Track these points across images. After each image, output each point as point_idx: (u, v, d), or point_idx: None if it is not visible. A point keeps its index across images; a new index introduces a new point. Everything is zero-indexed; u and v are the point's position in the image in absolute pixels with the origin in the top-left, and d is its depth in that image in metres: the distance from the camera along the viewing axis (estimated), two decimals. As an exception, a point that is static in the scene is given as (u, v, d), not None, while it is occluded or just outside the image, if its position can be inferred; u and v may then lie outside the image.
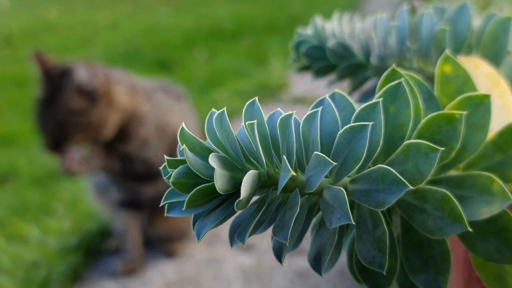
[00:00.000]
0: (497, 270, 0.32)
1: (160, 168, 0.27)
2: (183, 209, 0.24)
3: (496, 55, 0.46)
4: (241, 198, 0.23)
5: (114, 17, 5.70)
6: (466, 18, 0.48)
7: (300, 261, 1.37)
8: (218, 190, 0.24)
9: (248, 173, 0.24)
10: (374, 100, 0.28)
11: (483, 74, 0.40)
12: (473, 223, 0.29)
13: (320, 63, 0.53)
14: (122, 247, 1.45)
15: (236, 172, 0.25)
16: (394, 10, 0.58)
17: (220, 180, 0.24)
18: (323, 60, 0.53)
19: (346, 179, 0.28)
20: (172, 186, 0.25)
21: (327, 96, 0.29)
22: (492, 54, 0.46)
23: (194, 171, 0.25)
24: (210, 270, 1.39)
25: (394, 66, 0.31)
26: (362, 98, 0.54)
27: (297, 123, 0.28)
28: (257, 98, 0.27)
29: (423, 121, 0.29)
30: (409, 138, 0.29)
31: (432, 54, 0.49)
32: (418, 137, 0.29)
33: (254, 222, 0.25)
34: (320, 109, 0.27)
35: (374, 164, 0.28)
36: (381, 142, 0.27)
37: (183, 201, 0.24)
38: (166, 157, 0.26)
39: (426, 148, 0.26)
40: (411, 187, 0.25)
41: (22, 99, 2.85)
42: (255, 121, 0.25)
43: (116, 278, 1.38)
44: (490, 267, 0.32)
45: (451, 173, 0.31)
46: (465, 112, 0.28)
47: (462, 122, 0.28)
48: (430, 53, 0.49)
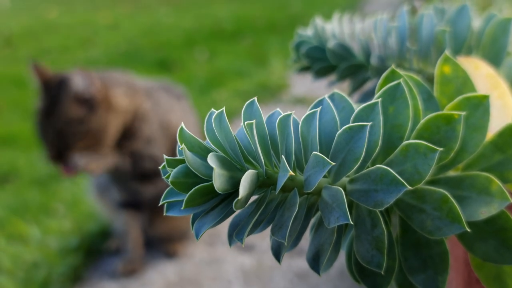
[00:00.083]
0: (495, 270, 0.32)
1: (159, 167, 0.27)
2: (182, 208, 0.24)
3: (496, 56, 0.46)
4: (239, 197, 0.23)
5: (114, 17, 5.70)
6: (466, 19, 0.48)
7: (300, 261, 1.37)
8: (216, 190, 0.24)
9: (246, 172, 0.24)
10: (373, 100, 0.28)
11: (483, 75, 0.40)
12: (471, 224, 0.29)
13: (320, 64, 0.53)
14: (122, 248, 1.45)
15: (234, 171, 0.26)
16: (394, 11, 0.58)
17: (218, 179, 0.24)
18: (323, 60, 0.53)
19: (344, 179, 0.28)
20: (171, 186, 0.25)
21: (326, 96, 0.29)
22: (492, 55, 0.46)
23: (193, 171, 0.25)
24: (210, 271, 1.39)
25: (393, 66, 0.31)
26: (362, 98, 0.54)
27: (296, 123, 0.28)
28: (256, 98, 0.27)
29: (422, 121, 0.29)
30: (408, 138, 0.29)
31: (432, 55, 0.49)
32: (417, 137, 0.29)
33: (253, 222, 0.25)
34: (319, 109, 0.27)
35: (373, 164, 0.28)
36: (379, 142, 0.27)
37: (182, 200, 0.24)
38: (165, 156, 0.26)
39: (425, 148, 0.26)
40: (410, 187, 0.25)
41: (22, 99, 2.85)
42: (254, 121, 0.25)
43: (116, 279, 1.38)
44: (489, 268, 0.32)
45: (450, 173, 0.31)
46: (464, 112, 0.28)
47: (461, 123, 0.28)
48: (430, 54, 0.49)
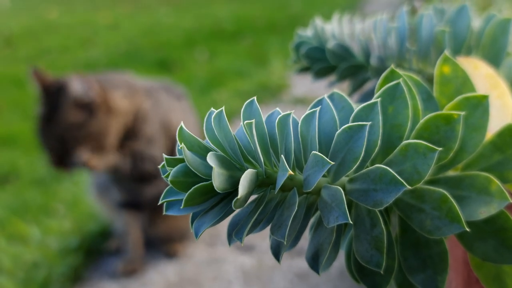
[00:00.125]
0: (495, 270, 0.32)
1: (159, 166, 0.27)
2: (181, 207, 0.24)
3: (495, 56, 0.46)
4: (238, 196, 0.23)
5: (114, 17, 5.70)
6: (465, 19, 0.48)
7: (300, 261, 1.38)
8: (216, 189, 0.24)
9: (246, 172, 0.24)
10: (372, 100, 0.28)
11: (482, 75, 0.40)
12: (471, 223, 0.29)
13: (320, 64, 0.53)
14: (122, 248, 1.45)
15: (234, 171, 0.26)
16: (394, 11, 0.58)
17: (218, 178, 0.24)
18: (323, 61, 0.53)
19: (344, 179, 0.28)
20: (170, 185, 0.25)
21: (326, 96, 0.29)
22: (491, 55, 0.46)
23: (193, 170, 0.25)
24: (211, 271, 1.39)
25: (393, 66, 0.31)
26: (362, 99, 0.54)
27: (295, 123, 0.28)
28: (255, 98, 0.27)
29: (422, 121, 0.29)
30: (407, 138, 0.29)
31: (431, 55, 0.49)
32: (416, 137, 0.29)
33: (252, 221, 0.25)
34: (318, 109, 0.27)
35: (372, 164, 0.28)
36: (379, 142, 0.27)
37: (182, 199, 0.24)
38: (164, 155, 0.26)
39: (424, 148, 0.26)
40: (409, 187, 0.25)
41: (22, 99, 2.85)
42: (253, 120, 0.25)
43: (116, 279, 1.38)
44: (488, 267, 0.32)
45: (450, 173, 0.31)
46: (463, 112, 0.28)
47: (460, 123, 0.28)
48: (429, 54, 0.49)
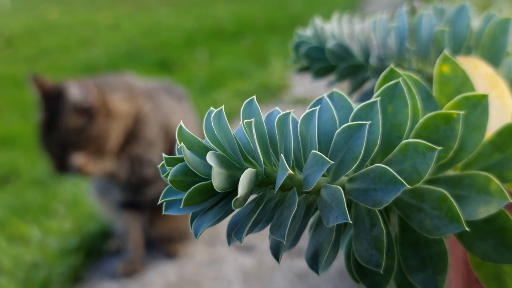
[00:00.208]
0: (494, 270, 0.32)
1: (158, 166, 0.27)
2: (181, 207, 0.24)
3: (495, 56, 0.46)
4: (238, 196, 0.23)
5: (115, 17, 5.70)
6: (465, 19, 0.48)
7: (300, 261, 1.37)
8: (215, 188, 0.24)
9: (245, 171, 0.24)
10: (372, 99, 0.28)
11: (482, 75, 0.40)
12: (470, 223, 0.29)
13: (319, 64, 0.53)
14: (122, 248, 1.45)
15: (233, 170, 0.26)
16: (394, 11, 0.58)
17: (217, 178, 0.24)
18: (323, 61, 0.53)
19: (343, 178, 0.28)
20: (170, 184, 0.25)
21: (325, 95, 0.29)
22: (491, 55, 0.46)
23: (192, 169, 0.25)
24: (211, 271, 1.39)
25: (392, 66, 0.31)
26: (362, 98, 0.54)
27: (295, 122, 0.28)
28: (255, 97, 0.27)
29: (421, 120, 0.29)
30: (407, 137, 0.29)
31: (431, 54, 0.49)
32: (416, 136, 0.29)
33: (252, 221, 0.25)
34: (317, 108, 0.27)
35: (372, 163, 0.28)
36: (378, 141, 0.27)
37: (181, 199, 0.24)
38: (164, 155, 0.26)
39: (424, 147, 0.26)
40: (409, 186, 0.25)
41: (22, 99, 2.85)
42: (253, 120, 0.25)
43: (116, 279, 1.38)
44: (488, 267, 0.32)
45: (449, 172, 0.31)
46: (462, 112, 0.28)
47: (460, 122, 0.28)
48: (429, 53, 0.49)
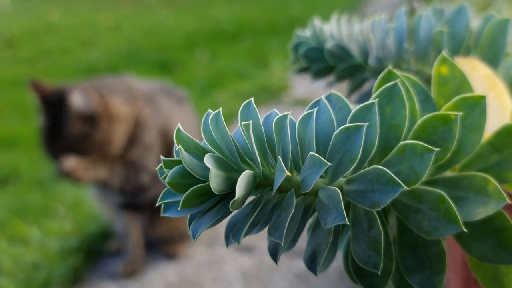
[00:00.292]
0: (492, 270, 0.32)
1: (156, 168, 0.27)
2: (179, 209, 0.25)
3: (494, 57, 0.46)
4: (236, 198, 0.23)
5: (115, 18, 5.71)
6: (464, 20, 0.48)
7: (300, 263, 1.38)
8: (213, 190, 0.24)
9: (243, 173, 0.24)
10: (370, 101, 0.28)
11: (480, 76, 0.40)
12: (468, 224, 0.29)
13: (318, 65, 0.53)
14: (122, 249, 1.45)
15: (231, 172, 0.26)
16: (393, 12, 0.58)
17: (215, 180, 0.24)
18: (322, 61, 0.53)
19: (341, 180, 0.28)
20: (168, 186, 0.25)
21: (323, 97, 0.29)
22: (490, 55, 0.46)
23: (190, 171, 0.25)
24: (211, 272, 1.39)
25: (390, 67, 0.31)
26: (361, 99, 0.54)
27: (293, 124, 0.28)
28: (253, 99, 0.27)
29: (419, 122, 0.29)
30: (405, 139, 0.29)
31: (430, 55, 0.49)
32: (413, 138, 0.29)
33: (249, 222, 0.25)
34: (315, 110, 0.27)
35: (369, 164, 0.28)
36: (376, 142, 0.27)
37: (179, 201, 0.24)
38: (162, 157, 0.26)
39: (421, 148, 0.26)
40: (406, 188, 0.25)
41: (23, 101, 2.85)
42: (251, 121, 0.25)
43: (116, 280, 1.38)
44: (486, 268, 0.32)
45: (447, 174, 0.31)
46: (460, 113, 0.28)
47: (458, 123, 0.28)
48: (428, 54, 0.49)
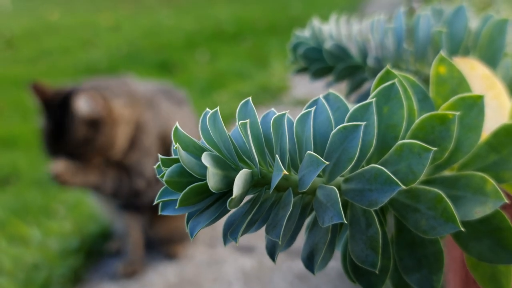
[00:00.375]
0: (490, 270, 0.32)
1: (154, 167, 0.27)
2: (176, 207, 0.25)
3: (492, 57, 0.46)
4: (233, 196, 0.23)
5: (116, 18, 5.71)
6: (462, 20, 0.48)
7: (300, 263, 1.37)
8: (211, 189, 0.24)
9: (240, 172, 0.24)
10: (367, 100, 0.28)
11: (479, 76, 0.40)
12: (466, 223, 0.29)
13: (317, 65, 0.53)
14: (123, 249, 1.45)
15: (229, 171, 0.26)
16: (392, 12, 0.58)
17: (212, 178, 0.24)
18: (321, 61, 0.53)
19: (339, 179, 0.28)
20: (165, 185, 0.25)
21: (321, 96, 0.29)
22: (488, 56, 0.46)
23: (188, 170, 0.25)
24: (211, 272, 1.39)
25: (388, 67, 0.31)
26: (360, 99, 0.54)
27: (290, 123, 0.28)
28: (250, 98, 0.27)
29: (417, 121, 0.29)
30: (402, 138, 0.29)
31: (429, 55, 0.49)
32: (411, 137, 0.29)
33: (247, 221, 0.25)
34: (313, 109, 0.27)
35: (367, 164, 0.28)
36: (374, 142, 0.27)
37: (177, 199, 0.24)
38: (160, 156, 0.26)
39: (419, 148, 0.26)
40: (404, 187, 0.25)
41: (23, 101, 2.86)
42: (248, 120, 0.25)
43: (116, 280, 1.38)
44: (484, 267, 0.32)
45: (445, 173, 0.32)
46: (458, 112, 0.28)
47: (455, 123, 0.28)
48: (427, 54, 0.49)
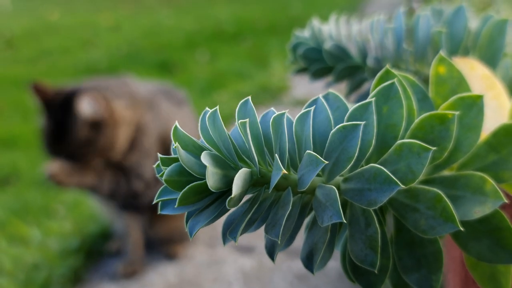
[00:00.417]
0: (490, 270, 0.32)
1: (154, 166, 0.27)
2: (175, 206, 0.25)
3: (492, 57, 0.46)
4: (232, 195, 0.23)
5: (116, 18, 5.71)
6: (462, 20, 0.48)
7: (300, 263, 1.37)
8: (210, 188, 0.24)
9: (240, 171, 0.24)
10: (367, 100, 0.28)
11: (479, 76, 0.40)
12: (465, 223, 0.29)
13: (317, 65, 0.53)
14: (123, 249, 1.45)
15: (228, 170, 0.26)
16: (392, 12, 0.58)
17: (212, 178, 0.24)
18: (320, 62, 0.53)
19: (338, 178, 0.28)
20: (165, 184, 0.25)
21: (321, 96, 0.29)
22: (488, 56, 0.46)
23: (187, 169, 0.25)
24: (211, 272, 1.39)
25: (388, 66, 0.31)
26: (360, 99, 0.54)
27: (290, 122, 0.28)
28: (250, 98, 0.27)
29: (416, 121, 0.29)
30: (402, 138, 0.29)
31: (428, 55, 0.49)
32: (411, 137, 0.29)
33: (246, 220, 0.25)
34: (312, 108, 0.27)
35: (367, 163, 0.28)
36: (373, 141, 0.27)
37: (176, 198, 0.24)
38: (159, 155, 0.26)
39: (418, 147, 0.26)
40: (403, 186, 0.25)
41: (23, 101, 2.86)
42: (247, 119, 0.25)
43: (116, 280, 1.38)
44: (483, 267, 0.32)
45: (445, 173, 0.32)
46: (457, 112, 0.28)
47: (455, 122, 0.28)
48: (426, 54, 0.49)
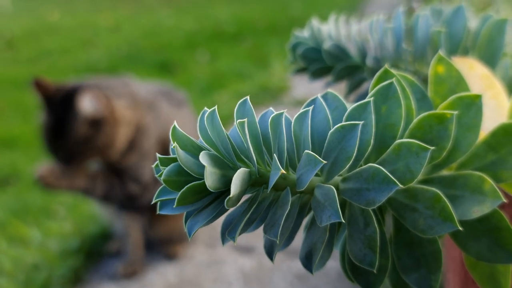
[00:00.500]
0: (489, 269, 0.32)
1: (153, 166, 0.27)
2: (174, 206, 0.25)
3: (491, 57, 0.46)
4: (231, 195, 0.23)
5: (116, 19, 5.72)
6: (461, 20, 0.48)
7: (299, 263, 1.37)
8: (208, 188, 0.24)
9: (238, 171, 0.24)
10: (365, 99, 0.28)
11: (478, 75, 0.40)
12: (464, 223, 0.29)
13: (316, 65, 0.53)
14: (123, 250, 1.45)
15: (227, 170, 0.26)
16: (392, 12, 0.58)
17: (210, 178, 0.24)
18: (320, 61, 0.53)
19: (337, 178, 0.28)
20: (163, 184, 0.26)
21: (319, 96, 0.29)
22: (487, 55, 0.46)
23: (185, 169, 0.25)
24: (211, 272, 1.39)
25: (386, 66, 0.31)
26: (359, 99, 0.54)
27: (288, 122, 0.28)
28: (248, 97, 0.27)
29: (415, 120, 0.29)
30: (400, 137, 0.29)
31: (428, 55, 0.49)
32: (409, 136, 0.29)
33: (245, 220, 0.25)
34: (311, 108, 0.27)
35: (365, 163, 0.28)
36: (372, 141, 0.27)
37: (175, 198, 0.24)
38: (158, 155, 0.26)
39: (417, 147, 0.26)
40: (401, 186, 0.25)
41: (23, 101, 2.86)
42: (246, 119, 0.25)
43: (116, 281, 1.38)
44: (483, 267, 0.32)
45: (443, 172, 0.32)
46: (456, 112, 0.28)
47: (453, 122, 0.28)
48: (426, 54, 0.49)
